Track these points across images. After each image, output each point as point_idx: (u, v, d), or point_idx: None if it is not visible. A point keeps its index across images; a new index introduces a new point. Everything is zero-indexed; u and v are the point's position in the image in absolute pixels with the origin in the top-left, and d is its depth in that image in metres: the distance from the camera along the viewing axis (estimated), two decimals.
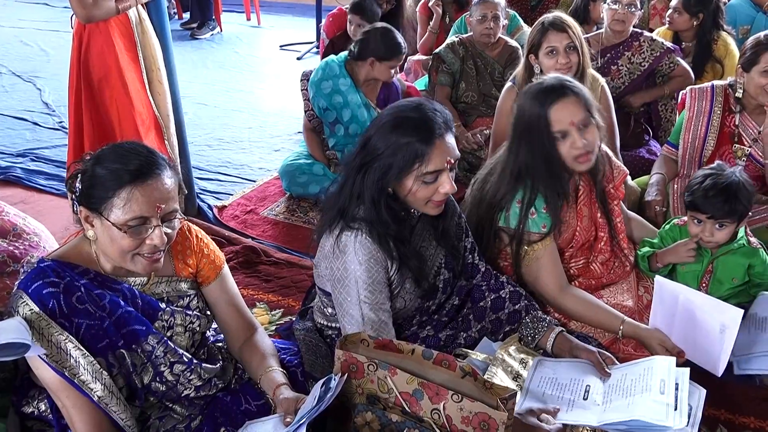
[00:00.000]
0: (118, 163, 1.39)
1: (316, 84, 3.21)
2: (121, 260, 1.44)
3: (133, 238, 1.39)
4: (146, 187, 1.38)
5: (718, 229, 2.01)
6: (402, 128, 1.56)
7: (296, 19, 7.41)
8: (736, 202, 1.97)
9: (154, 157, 1.44)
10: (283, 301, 2.53)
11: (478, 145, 3.33)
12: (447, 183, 1.58)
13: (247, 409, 1.60)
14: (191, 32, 6.55)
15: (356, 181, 1.60)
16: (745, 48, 2.49)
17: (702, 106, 2.57)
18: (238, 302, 1.71)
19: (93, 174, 1.40)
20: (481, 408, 1.29)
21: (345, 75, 3.18)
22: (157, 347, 1.49)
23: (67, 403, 1.38)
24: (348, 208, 1.62)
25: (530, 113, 1.88)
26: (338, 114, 3.20)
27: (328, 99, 3.19)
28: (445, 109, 1.65)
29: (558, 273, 1.96)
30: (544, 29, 2.56)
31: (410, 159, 1.55)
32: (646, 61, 3.24)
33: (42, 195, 3.35)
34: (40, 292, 1.37)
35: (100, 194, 1.38)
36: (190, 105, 4.45)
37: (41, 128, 4.20)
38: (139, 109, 2.76)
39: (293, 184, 3.27)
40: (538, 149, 1.88)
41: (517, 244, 1.94)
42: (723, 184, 1.98)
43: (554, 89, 1.86)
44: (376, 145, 1.58)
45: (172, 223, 1.46)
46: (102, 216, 1.38)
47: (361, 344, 1.44)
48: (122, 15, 2.66)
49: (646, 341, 1.82)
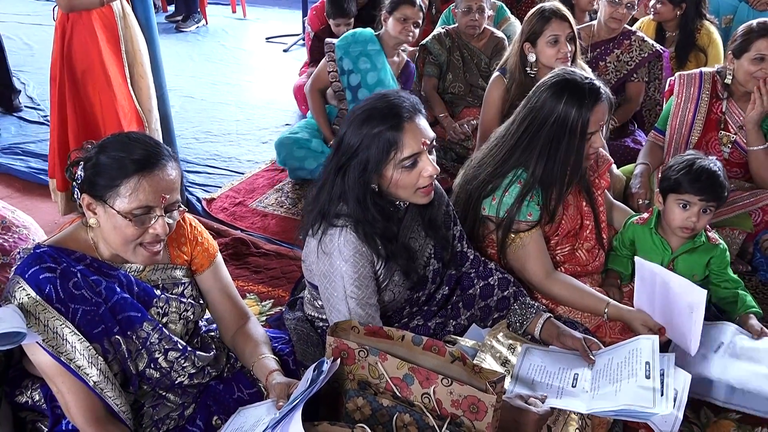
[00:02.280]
0: (124, 152, 1.40)
1: (344, 47, 3.21)
2: (122, 249, 1.45)
3: (137, 226, 1.40)
4: (153, 177, 1.40)
5: (703, 214, 2.03)
6: (371, 120, 1.56)
7: (282, 11, 7.37)
8: (723, 188, 2.01)
9: (160, 148, 1.45)
10: (273, 292, 2.54)
11: (466, 135, 3.35)
12: (428, 165, 1.58)
13: (240, 397, 1.62)
14: (176, 25, 6.50)
15: (336, 182, 1.60)
16: (736, 35, 2.52)
17: (690, 93, 2.61)
18: (231, 291, 1.73)
19: (98, 162, 1.41)
20: (470, 391, 1.31)
21: (375, 41, 3.21)
22: (152, 334, 1.50)
23: (63, 388, 1.39)
24: (329, 209, 1.62)
25: (568, 115, 1.84)
26: (362, 78, 3.19)
27: (354, 61, 3.19)
28: (411, 95, 1.64)
29: (544, 260, 1.98)
30: (545, 18, 2.55)
31: (385, 148, 1.55)
32: (633, 61, 3.25)
33: (28, 189, 3.33)
34: (37, 277, 1.38)
35: (105, 182, 1.39)
36: (176, 98, 4.43)
37: (27, 122, 4.17)
38: (122, 103, 2.75)
39: (289, 158, 3.26)
40: (569, 150, 1.87)
41: (503, 232, 1.95)
42: (712, 170, 2.00)
43: (593, 92, 1.84)
44: (349, 143, 1.58)
45: (174, 213, 1.47)
46: (106, 204, 1.39)
47: (351, 331, 1.45)
48: (106, 7, 2.64)
49: (630, 322, 1.85)
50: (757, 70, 2.43)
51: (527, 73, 2.64)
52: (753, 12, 3.80)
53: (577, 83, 1.85)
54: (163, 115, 2.93)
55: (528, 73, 2.64)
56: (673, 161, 2.12)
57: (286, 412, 1.25)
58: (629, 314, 1.86)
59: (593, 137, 1.88)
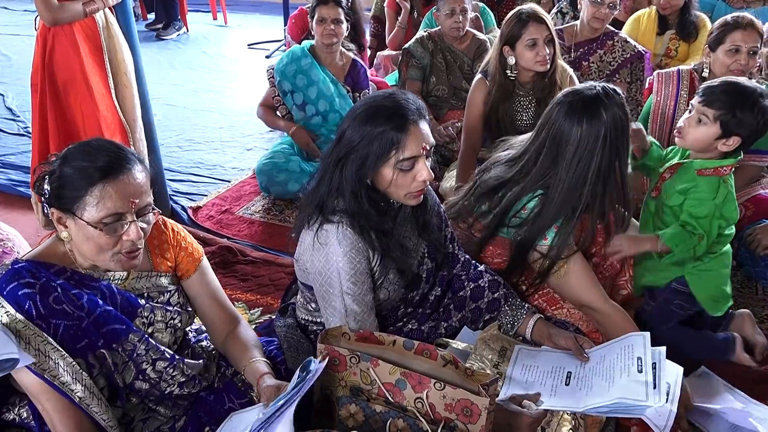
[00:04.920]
0: (87, 160, 1.37)
1: (280, 70, 3.26)
2: (99, 259, 1.42)
3: (109, 235, 1.37)
4: (118, 183, 1.37)
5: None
6: (376, 118, 1.56)
7: (263, 18, 7.36)
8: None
9: (123, 152, 1.42)
10: (262, 300, 2.53)
11: (450, 138, 3.36)
12: (424, 170, 1.59)
13: (231, 407, 1.59)
14: (156, 33, 6.47)
15: (334, 175, 1.60)
16: (712, 29, 2.58)
17: (669, 91, 2.65)
18: (219, 295, 1.71)
19: (61, 174, 1.38)
20: (463, 395, 1.31)
21: (307, 55, 3.26)
22: (139, 345, 1.48)
23: (48, 406, 1.36)
24: (326, 203, 1.62)
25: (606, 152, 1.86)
26: (304, 95, 3.25)
27: (292, 80, 3.24)
28: (417, 98, 1.66)
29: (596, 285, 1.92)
30: (523, 21, 2.57)
31: (386, 147, 1.55)
32: (616, 61, 3.27)
33: (9, 202, 3.28)
34: (15, 293, 1.35)
35: (71, 194, 1.37)
36: (159, 106, 4.40)
37: (5, 134, 4.12)
38: (104, 113, 2.72)
39: (272, 184, 3.25)
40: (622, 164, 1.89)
41: (549, 263, 1.89)
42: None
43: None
44: (351, 138, 1.58)
45: (147, 218, 1.45)
46: (75, 216, 1.37)
47: (342, 337, 1.45)
48: (89, 19, 2.62)
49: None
50: (732, 62, 2.49)
51: (507, 76, 2.67)
52: (730, 9, 3.88)
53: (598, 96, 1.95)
54: (145, 124, 2.90)
55: (508, 75, 2.66)
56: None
57: (272, 412, 1.24)
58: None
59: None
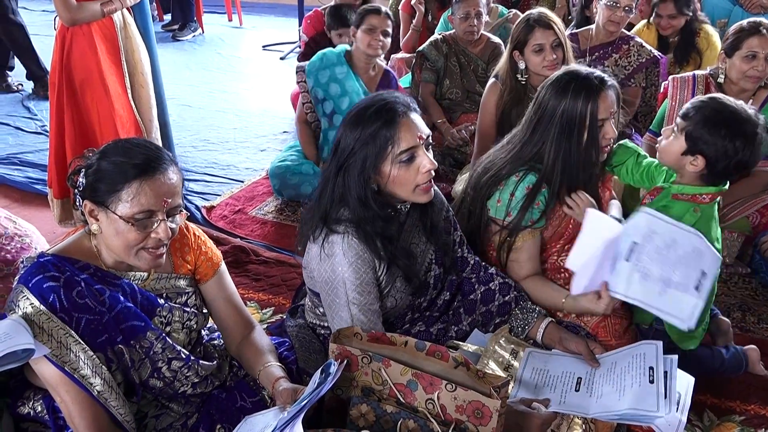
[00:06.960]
0: (125, 157, 1.41)
1: (313, 74, 3.18)
2: (125, 254, 1.44)
3: (139, 231, 1.40)
4: (154, 181, 1.40)
5: (670, 133, 1.87)
6: (366, 119, 1.57)
7: (278, 19, 7.40)
8: (709, 123, 1.78)
9: (160, 152, 1.46)
10: (274, 300, 2.54)
11: (464, 141, 3.35)
12: (425, 159, 1.58)
13: (243, 405, 1.61)
14: (173, 34, 6.52)
15: (336, 184, 1.61)
16: (728, 35, 2.57)
17: (684, 96, 2.64)
18: (235, 300, 1.72)
19: (99, 168, 1.41)
20: (474, 396, 1.31)
21: (343, 62, 3.16)
22: (156, 343, 1.50)
23: (67, 398, 1.38)
24: (330, 213, 1.62)
25: (576, 104, 1.81)
26: (335, 104, 3.17)
27: (324, 89, 3.16)
28: (405, 95, 1.65)
29: (530, 264, 1.94)
30: (529, 26, 2.58)
31: (382, 144, 1.55)
32: (631, 66, 3.27)
33: (26, 199, 3.33)
34: (40, 286, 1.37)
35: (106, 188, 1.39)
36: (174, 107, 4.44)
37: (24, 133, 4.17)
38: (120, 113, 2.75)
39: (285, 187, 3.24)
40: (582, 141, 1.83)
41: (505, 236, 1.92)
42: (723, 104, 1.80)
43: (597, 78, 1.83)
44: (346, 144, 1.59)
45: (176, 218, 1.48)
46: (108, 209, 1.40)
47: (354, 338, 1.45)
48: (106, 19, 2.66)
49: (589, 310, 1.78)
50: (749, 68, 2.48)
51: (518, 80, 2.67)
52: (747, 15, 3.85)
53: (580, 74, 1.85)
54: (161, 124, 2.94)
55: (519, 79, 2.68)
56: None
57: (296, 412, 1.25)
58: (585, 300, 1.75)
59: (605, 126, 1.85)
